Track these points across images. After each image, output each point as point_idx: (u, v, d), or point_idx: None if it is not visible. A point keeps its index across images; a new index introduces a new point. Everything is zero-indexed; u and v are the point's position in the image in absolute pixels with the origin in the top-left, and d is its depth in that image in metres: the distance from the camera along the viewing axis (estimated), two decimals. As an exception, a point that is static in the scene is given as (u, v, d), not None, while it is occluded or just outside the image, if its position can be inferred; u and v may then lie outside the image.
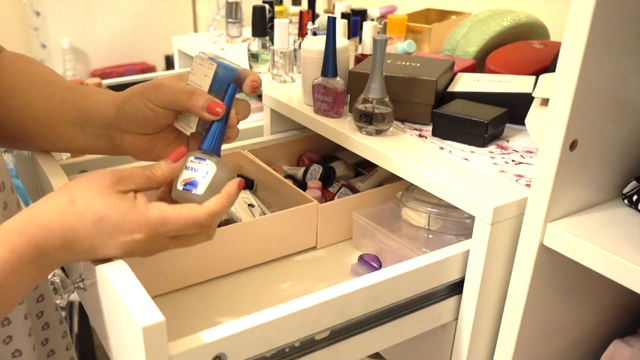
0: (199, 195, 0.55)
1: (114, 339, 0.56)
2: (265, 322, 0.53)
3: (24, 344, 0.70)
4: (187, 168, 0.57)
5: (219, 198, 0.55)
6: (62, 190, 0.52)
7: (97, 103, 0.66)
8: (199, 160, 0.57)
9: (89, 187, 0.51)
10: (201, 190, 0.55)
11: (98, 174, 0.53)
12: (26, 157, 0.81)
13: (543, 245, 0.59)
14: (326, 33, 0.80)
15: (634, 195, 0.60)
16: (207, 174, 0.56)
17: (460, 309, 0.68)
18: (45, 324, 0.80)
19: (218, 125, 0.59)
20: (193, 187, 0.55)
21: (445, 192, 0.66)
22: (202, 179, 0.56)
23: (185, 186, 0.56)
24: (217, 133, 0.59)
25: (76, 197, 0.50)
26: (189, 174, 0.56)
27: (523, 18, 1.06)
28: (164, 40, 0.62)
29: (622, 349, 0.69)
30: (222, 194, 0.55)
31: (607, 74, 0.53)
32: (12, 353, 0.69)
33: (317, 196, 0.87)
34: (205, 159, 0.57)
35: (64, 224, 0.49)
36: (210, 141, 0.59)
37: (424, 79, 0.80)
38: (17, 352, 0.69)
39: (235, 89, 0.60)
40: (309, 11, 1.14)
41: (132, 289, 0.50)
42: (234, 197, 0.56)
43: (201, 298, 0.73)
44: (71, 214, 0.49)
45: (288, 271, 0.79)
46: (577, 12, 0.49)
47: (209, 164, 0.56)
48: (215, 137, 0.59)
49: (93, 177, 0.52)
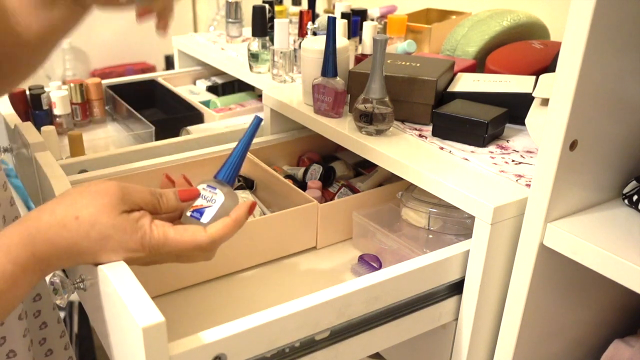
0: (204, 224, 0.56)
1: (114, 339, 0.56)
2: (265, 322, 0.53)
3: (18, 344, 0.69)
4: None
5: (224, 225, 0.55)
6: (66, 202, 0.51)
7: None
8: (210, 189, 0.58)
9: (94, 204, 0.50)
10: (206, 219, 0.56)
11: (103, 189, 0.51)
12: (26, 157, 0.81)
13: (543, 245, 0.59)
14: (326, 33, 0.80)
15: (634, 195, 0.60)
16: (214, 204, 0.57)
17: (460, 309, 0.68)
18: (43, 323, 0.80)
19: (236, 157, 0.60)
20: (200, 215, 0.57)
21: (445, 192, 0.66)
22: (209, 208, 0.57)
23: (193, 213, 0.57)
24: (233, 164, 0.60)
25: (81, 213, 0.50)
26: (199, 201, 0.58)
27: (523, 18, 1.06)
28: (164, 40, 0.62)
29: (622, 349, 0.69)
30: (229, 220, 0.55)
31: (607, 73, 0.53)
32: (7, 354, 0.69)
33: (317, 196, 0.87)
34: (217, 189, 0.58)
35: (69, 239, 0.49)
36: (226, 171, 0.59)
37: (424, 79, 0.80)
38: (11, 353, 0.69)
39: (259, 122, 0.61)
40: (309, 11, 1.14)
41: (132, 289, 0.50)
42: (240, 223, 0.56)
43: (201, 298, 0.73)
44: (76, 230, 0.49)
45: (288, 271, 0.79)
46: (577, 12, 0.49)
47: (218, 193, 0.58)
48: (230, 168, 0.59)
49: (98, 192, 0.51)
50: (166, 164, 0.87)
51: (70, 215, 0.49)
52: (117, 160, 0.88)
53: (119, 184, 0.52)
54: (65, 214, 0.49)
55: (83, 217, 0.49)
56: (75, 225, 0.49)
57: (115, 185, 0.52)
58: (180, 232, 0.53)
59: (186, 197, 0.56)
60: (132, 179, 0.84)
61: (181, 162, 0.88)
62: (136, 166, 0.86)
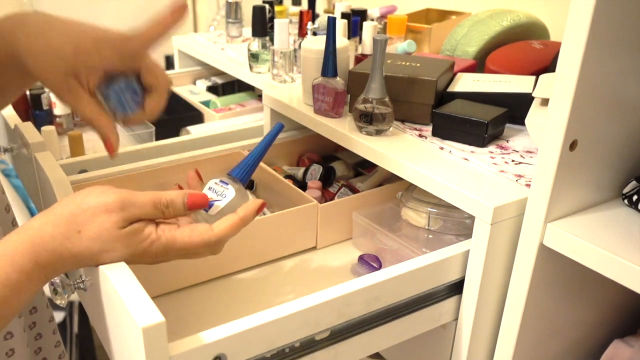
0: (210, 216, 0.57)
1: (114, 340, 0.56)
2: (265, 322, 0.53)
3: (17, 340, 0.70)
4: (209, 188, 0.59)
5: (231, 222, 0.55)
6: (67, 214, 0.50)
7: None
8: (222, 184, 0.59)
9: (95, 219, 0.50)
10: (213, 212, 0.57)
11: (103, 204, 0.50)
12: (26, 157, 0.81)
13: (543, 245, 0.59)
14: (326, 33, 0.80)
15: (634, 195, 0.60)
16: (224, 198, 0.58)
17: (460, 309, 0.68)
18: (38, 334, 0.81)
19: (252, 158, 0.61)
20: (208, 208, 0.57)
21: (445, 192, 0.66)
22: (218, 202, 0.57)
23: None
24: (249, 165, 0.61)
25: (83, 228, 0.50)
26: (209, 194, 0.58)
27: (523, 18, 1.06)
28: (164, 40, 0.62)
29: (622, 349, 0.69)
30: (236, 217, 0.55)
31: (607, 74, 0.53)
32: (6, 352, 0.69)
33: (317, 196, 0.87)
34: (228, 184, 0.58)
35: (73, 250, 0.50)
36: (240, 170, 0.60)
37: (424, 79, 0.80)
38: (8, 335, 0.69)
39: (280, 128, 0.62)
40: (309, 11, 1.14)
41: (132, 289, 0.50)
42: (247, 221, 0.56)
43: (201, 298, 0.73)
44: (79, 243, 0.50)
45: (288, 271, 0.79)
46: (577, 12, 0.49)
47: (229, 189, 0.58)
48: (246, 168, 0.60)
49: (98, 208, 0.50)
50: (166, 164, 0.87)
51: (72, 229, 0.50)
52: (117, 160, 0.88)
53: (119, 198, 0.51)
54: (67, 228, 0.50)
55: (85, 232, 0.50)
56: (77, 238, 0.50)
57: (116, 201, 0.50)
58: (188, 234, 0.53)
59: (194, 205, 0.55)
60: (132, 179, 0.84)
61: (181, 162, 0.88)
62: (136, 166, 0.85)
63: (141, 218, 0.52)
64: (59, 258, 0.50)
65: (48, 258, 0.49)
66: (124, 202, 0.51)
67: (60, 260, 0.50)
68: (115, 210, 0.50)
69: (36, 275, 0.49)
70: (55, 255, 0.49)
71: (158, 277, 0.70)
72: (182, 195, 0.54)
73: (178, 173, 0.88)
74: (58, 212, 0.51)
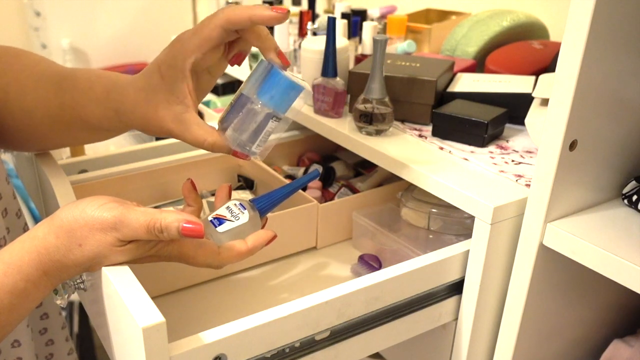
0: (218, 233, 0.57)
1: (115, 340, 0.56)
2: (265, 322, 0.53)
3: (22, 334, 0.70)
4: (227, 207, 0.59)
5: (238, 252, 0.56)
6: (67, 226, 0.50)
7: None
8: (240, 207, 0.59)
9: (93, 235, 0.50)
10: (222, 230, 0.57)
11: (99, 217, 0.50)
12: (26, 157, 0.81)
13: (543, 245, 0.59)
14: (326, 33, 0.80)
15: (634, 195, 0.60)
16: (237, 221, 0.58)
17: (460, 309, 0.68)
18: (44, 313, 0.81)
19: (279, 195, 0.61)
20: (218, 224, 0.58)
21: (445, 192, 0.66)
22: (229, 222, 0.58)
23: (213, 219, 0.58)
24: (273, 200, 0.61)
25: (83, 242, 0.50)
26: (224, 212, 0.59)
27: (523, 18, 1.06)
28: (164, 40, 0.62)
29: (622, 349, 0.69)
30: (244, 247, 0.56)
31: (607, 74, 0.53)
32: (12, 343, 0.69)
33: (317, 196, 0.87)
34: (245, 209, 0.59)
35: (76, 260, 0.51)
36: (264, 201, 0.61)
37: (424, 79, 0.80)
38: (16, 343, 0.70)
39: (316, 175, 0.62)
40: (309, 11, 1.14)
41: (132, 289, 0.50)
42: (255, 252, 0.57)
43: (201, 298, 0.73)
44: (82, 255, 0.51)
45: (288, 271, 0.79)
46: (577, 12, 0.49)
47: (245, 214, 0.58)
48: (269, 202, 0.61)
49: (95, 225, 0.50)
50: (166, 164, 0.87)
51: (73, 242, 0.50)
52: (117, 160, 0.88)
53: (114, 217, 0.50)
54: (69, 241, 0.50)
55: (86, 246, 0.50)
56: (80, 251, 0.51)
57: (109, 221, 0.50)
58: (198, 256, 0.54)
59: (189, 235, 0.52)
60: (132, 179, 0.84)
61: (181, 162, 0.88)
62: (136, 166, 0.86)
63: (133, 238, 0.52)
64: (63, 266, 0.51)
65: (53, 267, 0.50)
66: (117, 223, 0.50)
67: (65, 268, 0.51)
68: (109, 230, 0.50)
69: (43, 283, 0.50)
70: (60, 265, 0.51)
71: (158, 277, 0.71)
72: (178, 221, 0.51)
73: (178, 173, 0.88)
74: (58, 224, 0.51)
